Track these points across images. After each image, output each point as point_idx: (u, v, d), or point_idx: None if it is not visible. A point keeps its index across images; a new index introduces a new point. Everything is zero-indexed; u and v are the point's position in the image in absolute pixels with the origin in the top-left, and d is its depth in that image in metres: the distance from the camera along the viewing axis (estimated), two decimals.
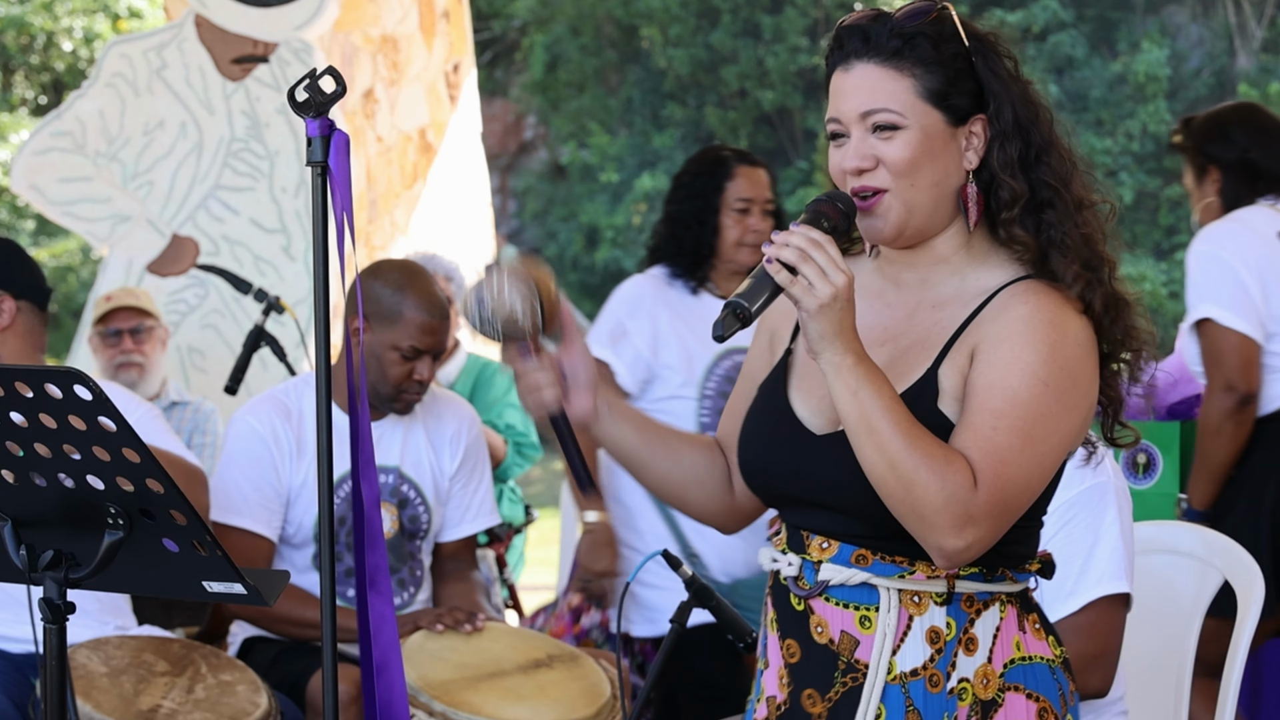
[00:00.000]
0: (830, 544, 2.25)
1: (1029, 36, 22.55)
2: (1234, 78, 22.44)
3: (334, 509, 2.59)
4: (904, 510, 2.13)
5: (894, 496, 2.13)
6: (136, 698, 3.49)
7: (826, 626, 2.25)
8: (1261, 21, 22.80)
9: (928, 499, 2.11)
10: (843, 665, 2.24)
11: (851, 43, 2.25)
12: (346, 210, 2.47)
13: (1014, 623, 2.27)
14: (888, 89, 2.22)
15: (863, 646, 2.23)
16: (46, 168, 7.11)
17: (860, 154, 2.23)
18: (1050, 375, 2.16)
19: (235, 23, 7.15)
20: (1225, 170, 4.65)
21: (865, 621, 2.23)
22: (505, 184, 24.63)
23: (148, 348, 5.82)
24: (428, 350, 4.03)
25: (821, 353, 2.13)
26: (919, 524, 2.13)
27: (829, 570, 2.24)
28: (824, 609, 2.25)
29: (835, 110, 2.26)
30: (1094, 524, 3.09)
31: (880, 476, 2.12)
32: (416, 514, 4.16)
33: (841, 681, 2.24)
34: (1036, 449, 2.16)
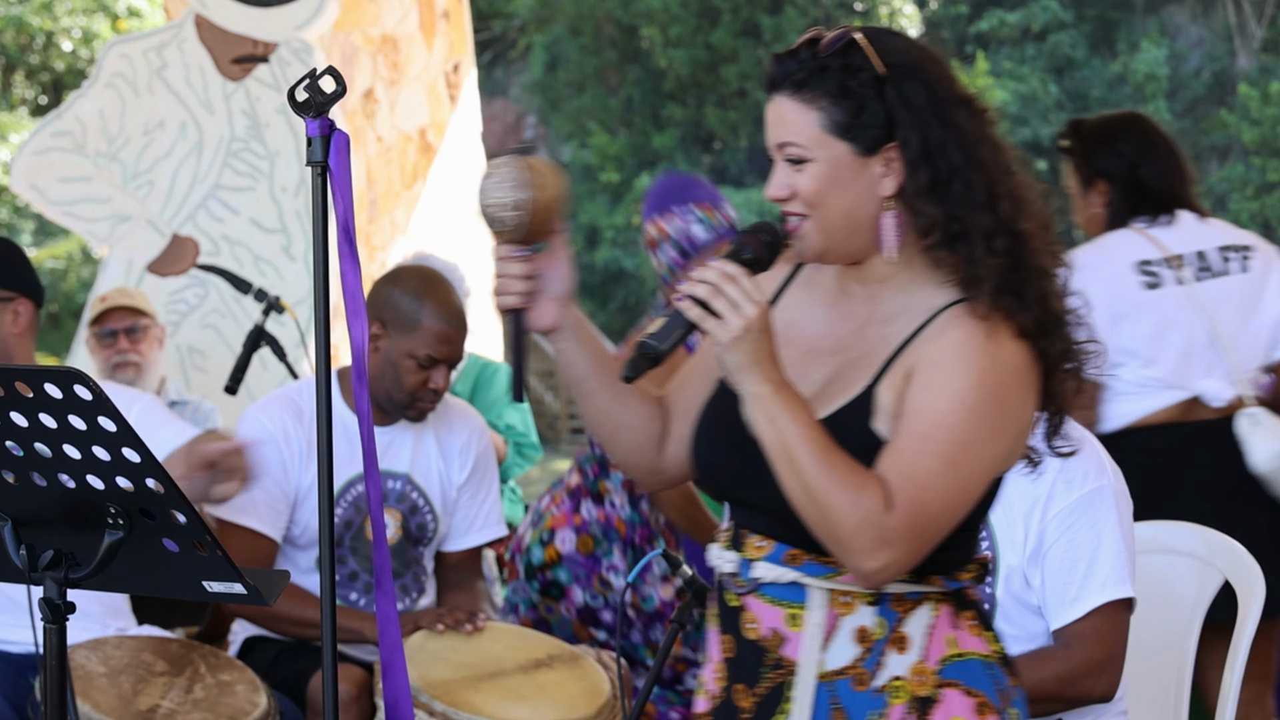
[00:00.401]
0: (766, 543, 2.31)
1: (1029, 36, 22.56)
2: (1234, 78, 22.44)
3: (333, 511, 2.59)
4: (822, 533, 2.19)
5: (811, 520, 2.19)
6: (135, 698, 3.49)
7: (757, 623, 2.31)
8: (1261, 21, 22.80)
9: (841, 522, 2.16)
10: (770, 661, 2.30)
11: (773, 74, 2.31)
12: (347, 211, 2.46)
13: (948, 621, 2.30)
14: (795, 122, 2.27)
15: (789, 644, 2.29)
16: (46, 168, 7.11)
17: (779, 184, 2.30)
18: (977, 401, 2.18)
19: (235, 23, 7.15)
20: (1113, 184, 4.59)
21: (793, 619, 2.29)
22: None
23: (144, 347, 5.81)
24: (444, 360, 4.03)
25: (740, 383, 2.20)
26: (836, 546, 2.19)
27: (762, 568, 2.31)
28: (756, 606, 2.32)
29: (767, 139, 2.32)
30: (1096, 529, 3.09)
31: (798, 500, 2.19)
32: (424, 521, 4.16)
33: (769, 677, 2.30)
34: (958, 474, 2.19)
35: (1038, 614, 3.12)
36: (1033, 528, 3.11)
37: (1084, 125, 4.76)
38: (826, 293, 2.37)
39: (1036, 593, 3.11)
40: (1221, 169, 21.67)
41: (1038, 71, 22.22)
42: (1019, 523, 3.12)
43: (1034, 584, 3.11)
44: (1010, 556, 3.11)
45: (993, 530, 3.13)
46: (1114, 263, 4.46)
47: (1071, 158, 4.67)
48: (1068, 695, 3.08)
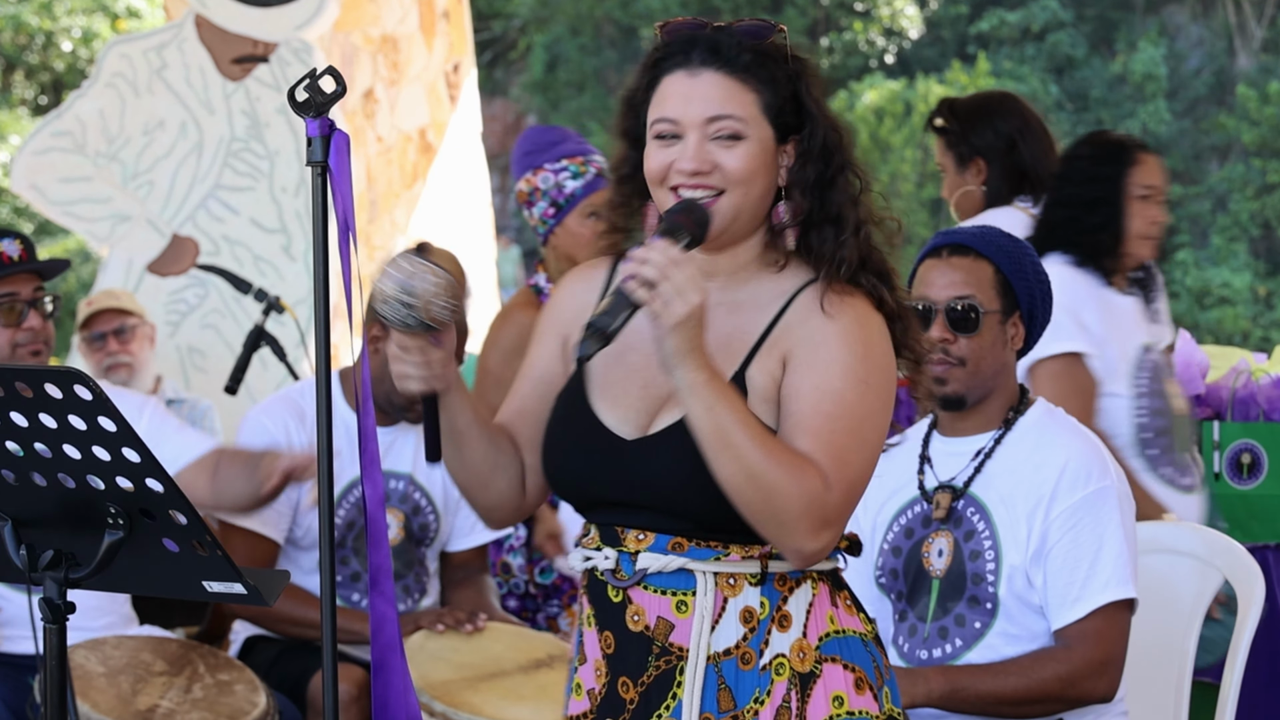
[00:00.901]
0: (646, 535, 2.33)
1: (1029, 36, 22.56)
2: (1234, 77, 22.43)
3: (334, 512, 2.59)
4: (763, 517, 2.23)
5: (752, 505, 2.22)
6: (134, 697, 3.49)
7: (643, 614, 2.33)
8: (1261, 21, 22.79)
9: (788, 505, 2.22)
10: (656, 650, 2.32)
11: (699, 50, 2.34)
12: (347, 211, 2.46)
13: (826, 599, 2.37)
14: (737, 100, 2.32)
15: (678, 630, 2.32)
16: (46, 168, 7.12)
17: (699, 158, 2.31)
18: (869, 374, 2.30)
19: (235, 23, 7.15)
20: (991, 163, 4.59)
21: (682, 606, 2.32)
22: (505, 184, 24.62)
23: (134, 346, 5.81)
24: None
25: (675, 368, 2.22)
26: (778, 529, 2.24)
27: (646, 559, 2.32)
28: (641, 597, 2.33)
29: (674, 111, 2.33)
30: (1098, 529, 3.09)
31: (738, 486, 2.22)
32: (426, 521, 4.16)
33: (655, 665, 2.32)
34: (867, 446, 2.30)
35: (1040, 614, 3.12)
36: (1035, 527, 3.11)
37: (959, 103, 4.75)
38: None
39: (1039, 592, 3.11)
40: (1221, 169, 21.67)
41: (1038, 71, 22.21)
42: (1022, 522, 3.12)
43: (1036, 584, 3.11)
44: (1013, 556, 3.11)
45: (995, 529, 3.13)
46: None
47: (945, 136, 4.66)
48: (1068, 696, 3.08)
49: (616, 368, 2.37)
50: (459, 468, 2.40)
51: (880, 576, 3.26)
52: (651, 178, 2.35)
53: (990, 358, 3.21)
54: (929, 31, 23.50)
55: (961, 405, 3.22)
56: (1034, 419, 3.23)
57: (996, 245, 3.24)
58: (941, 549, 3.17)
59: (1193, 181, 21.66)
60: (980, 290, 3.21)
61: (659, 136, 2.34)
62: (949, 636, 3.15)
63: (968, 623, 3.13)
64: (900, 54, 23.22)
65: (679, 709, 2.31)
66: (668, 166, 2.33)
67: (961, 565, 3.14)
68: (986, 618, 3.12)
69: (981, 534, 3.14)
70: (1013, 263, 3.23)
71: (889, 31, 23.17)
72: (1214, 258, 20.69)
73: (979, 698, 3.06)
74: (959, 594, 3.14)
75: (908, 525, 3.24)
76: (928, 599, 3.18)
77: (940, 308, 3.21)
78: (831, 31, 23.10)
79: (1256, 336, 19.52)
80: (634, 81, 2.41)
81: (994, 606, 3.12)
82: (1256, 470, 4.64)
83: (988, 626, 3.12)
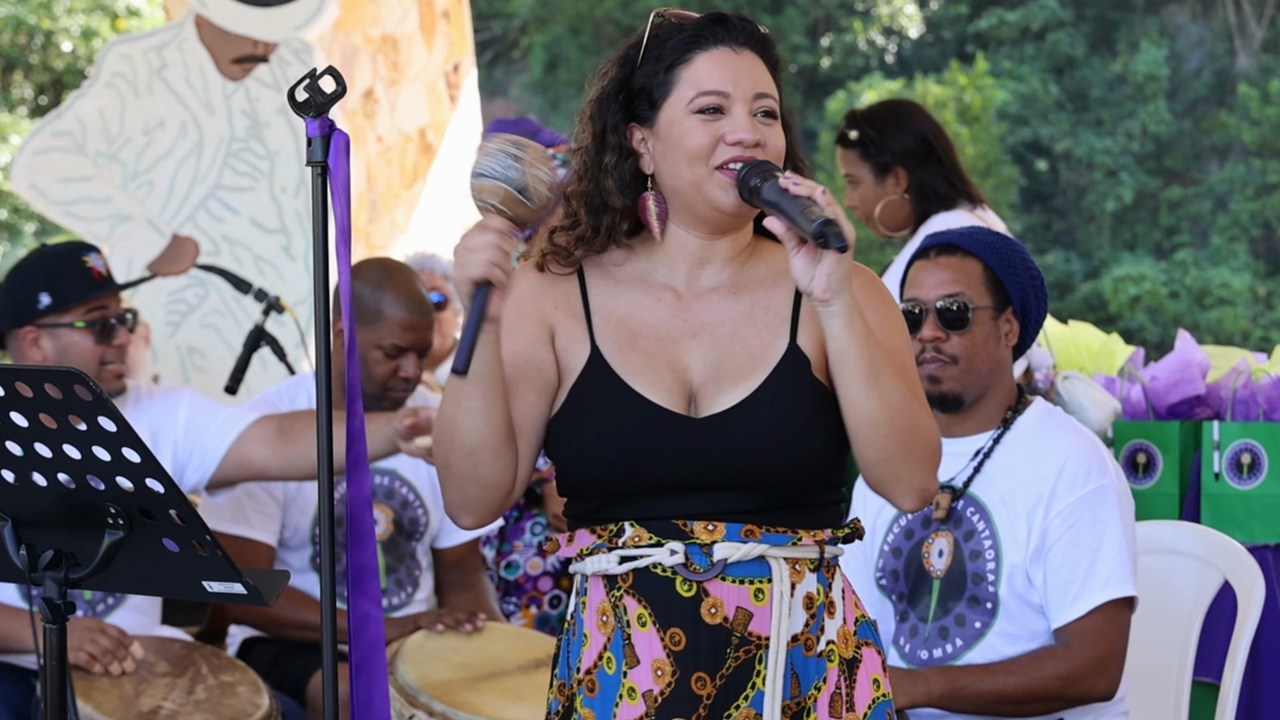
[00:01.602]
0: (716, 526, 2.29)
1: (1029, 36, 22.56)
2: (1234, 78, 22.44)
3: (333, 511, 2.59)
4: (901, 452, 2.28)
5: (898, 435, 2.26)
6: (137, 699, 3.49)
7: (721, 605, 2.28)
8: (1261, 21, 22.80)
9: (929, 437, 2.30)
10: (735, 641, 2.28)
11: (741, 32, 2.35)
12: (344, 211, 2.47)
13: (847, 583, 2.39)
14: (768, 82, 2.35)
15: (757, 619, 2.28)
16: (46, 168, 7.11)
17: (754, 129, 2.31)
18: (904, 328, 2.42)
19: (235, 23, 7.14)
20: (912, 170, 4.58)
21: (759, 594, 2.29)
22: None
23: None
24: (411, 347, 4.01)
25: (839, 295, 2.22)
26: (912, 465, 2.29)
27: (725, 548, 2.28)
28: (719, 589, 2.28)
29: (724, 83, 2.31)
30: (1098, 528, 3.09)
31: (888, 417, 2.25)
32: (415, 515, 4.16)
33: (734, 657, 2.28)
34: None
35: (1040, 613, 3.12)
36: (1035, 526, 3.11)
37: (869, 113, 4.73)
38: (642, 284, 2.38)
39: (1039, 591, 3.11)
40: (1221, 169, 21.67)
41: (1038, 71, 22.22)
42: (1022, 521, 3.12)
43: (1036, 582, 3.11)
44: (1013, 555, 3.11)
45: (995, 529, 3.13)
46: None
47: (858, 147, 4.63)
48: (1069, 694, 3.08)
49: (632, 353, 2.33)
50: (481, 422, 2.25)
51: (881, 578, 3.27)
52: (694, 153, 2.30)
53: (984, 354, 3.21)
54: (929, 31, 23.50)
55: (959, 405, 3.22)
56: (1032, 418, 3.23)
57: (985, 243, 3.25)
58: (942, 549, 3.18)
59: (1193, 181, 21.67)
60: (969, 287, 3.22)
61: (701, 111, 2.31)
62: (949, 636, 3.15)
63: (968, 622, 3.13)
64: (900, 54, 23.22)
65: (758, 698, 2.28)
66: (717, 139, 2.30)
67: (962, 565, 3.15)
68: (987, 617, 3.13)
69: (981, 534, 3.14)
70: (1001, 259, 3.24)
71: (889, 31, 23.17)
72: (1214, 258, 20.70)
73: (979, 697, 3.07)
74: (959, 594, 3.14)
75: (908, 526, 3.24)
76: (928, 599, 3.18)
77: (930, 307, 3.21)
78: (831, 32, 23.09)
79: (1256, 336, 19.53)
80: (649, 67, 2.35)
81: (994, 606, 3.12)
82: (1256, 470, 4.63)
83: (988, 626, 3.13)
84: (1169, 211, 21.38)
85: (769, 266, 2.39)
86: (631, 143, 2.37)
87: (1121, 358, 5.21)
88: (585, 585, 2.37)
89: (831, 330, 2.24)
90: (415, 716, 3.49)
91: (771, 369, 2.31)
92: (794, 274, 2.24)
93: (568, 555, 2.38)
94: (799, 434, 2.29)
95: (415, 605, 4.16)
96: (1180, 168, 21.62)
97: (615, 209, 2.36)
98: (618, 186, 2.36)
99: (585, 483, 2.33)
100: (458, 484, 2.32)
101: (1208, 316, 19.90)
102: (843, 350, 2.24)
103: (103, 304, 3.80)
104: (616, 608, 2.32)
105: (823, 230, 2.16)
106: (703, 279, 2.37)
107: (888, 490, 2.33)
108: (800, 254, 2.22)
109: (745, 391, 2.30)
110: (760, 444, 2.27)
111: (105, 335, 3.78)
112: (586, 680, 2.34)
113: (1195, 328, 18.66)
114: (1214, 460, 4.61)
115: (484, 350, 2.22)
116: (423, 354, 4.06)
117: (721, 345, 2.34)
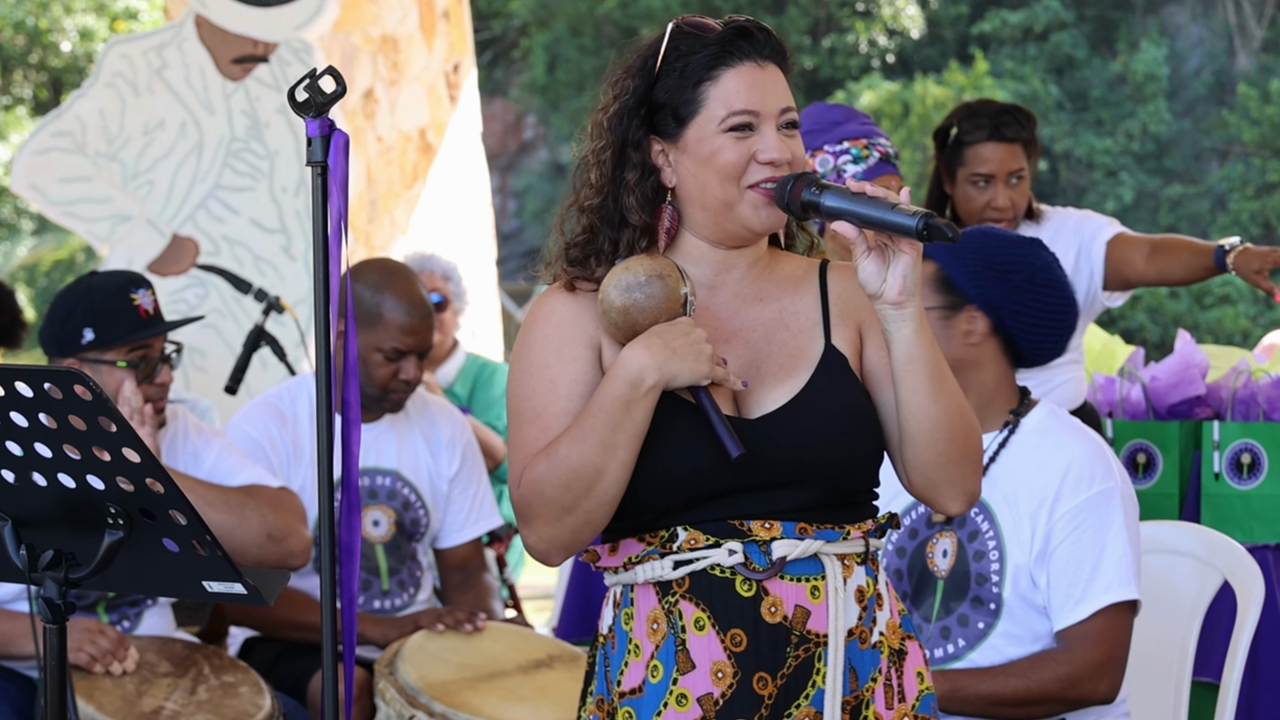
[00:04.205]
0: (771, 524, 2.28)
1: (1030, 36, 22.56)
2: (1234, 78, 22.43)
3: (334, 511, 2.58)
4: (961, 453, 2.31)
5: (956, 440, 2.30)
6: (139, 699, 3.49)
7: (780, 604, 2.27)
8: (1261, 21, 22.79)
9: (979, 441, 2.35)
10: (794, 640, 2.27)
11: (765, 45, 2.34)
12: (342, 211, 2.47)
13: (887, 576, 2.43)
14: (790, 94, 2.35)
15: (814, 617, 2.28)
16: (46, 168, 7.11)
17: (784, 147, 2.31)
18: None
19: (235, 23, 7.14)
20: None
21: (815, 591, 2.29)
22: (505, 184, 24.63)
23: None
24: (411, 350, 4.01)
25: (912, 298, 2.24)
26: (970, 467, 2.33)
27: (783, 546, 2.27)
28: (778, 587, 2.28)
29: (753, 103, 2.31)
30: (1102, 530, 3.09)
31: (949, 421, 2.29)
32: (417, 516, 4.16)
33: (794, 655, 2.27)
34: None
35: (1044, 614, 3.12)
36: (1039, 528, 3.11)
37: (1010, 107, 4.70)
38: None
39: (1043, 593, 3.11)
40: (1221, 169, 21.66)
41: (1038, 71, 22.21)
42: (1025, 523, 3.12)
43: (1040, 584, 3.11)
44: (1017, 556, 3.11)
45: (999, 530, 3.13)
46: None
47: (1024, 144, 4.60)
48: (1069, 697, 3.08)
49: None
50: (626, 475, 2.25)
51: None
52: (727, 172, 2.30)
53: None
54: (930, 31, 23.49)
55: None
56: (1037, 420, 3.23)
57: (945, 246, 3.14)
58: (946, 549, 3.17)
59: (1193, 181, 21.66)
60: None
61: (734, 129, 2.30)
62: (951, 636, 3.15)
63: (971, 623, 3.13)
64: (901, 54, 23.21)
65: (818, 697, 2.27)
66: (749, 157, 2.30)
67: (965, 565, 3.14)
68: (990, 618, 3.12)
69: (986, 534, 3.14)
70: (956, 257, 3.21)
71: (890, 31, 23.16)
72: None
73: (979, 698, 3.06)
74: (963, 594, 3.14)
75: (912, 526, 3.24)
76: (932, 599, 3.18)
77: None
78: (833, 32, 23.09)
79: (1256, 336, 19.51)
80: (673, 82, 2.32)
81: (998, 607, 3.12)
82: (1256, 470, 4.63)
83: (991, 627, 3.13)
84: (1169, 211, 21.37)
85: (787, 273, 2.41)
86: (651, 157, 2.34)
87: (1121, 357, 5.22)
88: (631, 595, 2.33)
89: (901, 334, 2.25)
90: (415, 717, 3.49)
91: (815, 368, 2.33)
92: (863, 279, 2.24)
93: (611, 565, 2.34)
94: (850, 428, 2.31)
95: (416, 606, 4.16)
96: (1180, 168, 21.62)
97: (634, 225, 2.33)
98: (639, 203, 2.33)
99: (645, 494, 2.28)
100: (576, 529, 2.27)
101: (1208, 316, 19.89)
102: (911, 354, 2.25)
103: (147, 344, 3.75)
104: (670, 614, 2.29)
105: (927, 223, 2.13)
106: (725, 288, 2.38)
107: (937, 493, 2.35)
108: (870, 258, 2.23)
109: (792, 391, 2.31)
110: (815, 439, 2.28)
111: (147, 375, 3.73)
112: (640, 694, 2.30)
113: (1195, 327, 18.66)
114: (1214, 460, 4.61)
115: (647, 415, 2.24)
116: (423, 356, 4.05)
117: (757, 349, 2.34)
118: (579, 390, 2.30)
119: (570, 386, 2.30)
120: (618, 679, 2.33)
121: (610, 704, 2.34)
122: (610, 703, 2.34)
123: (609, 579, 2.37)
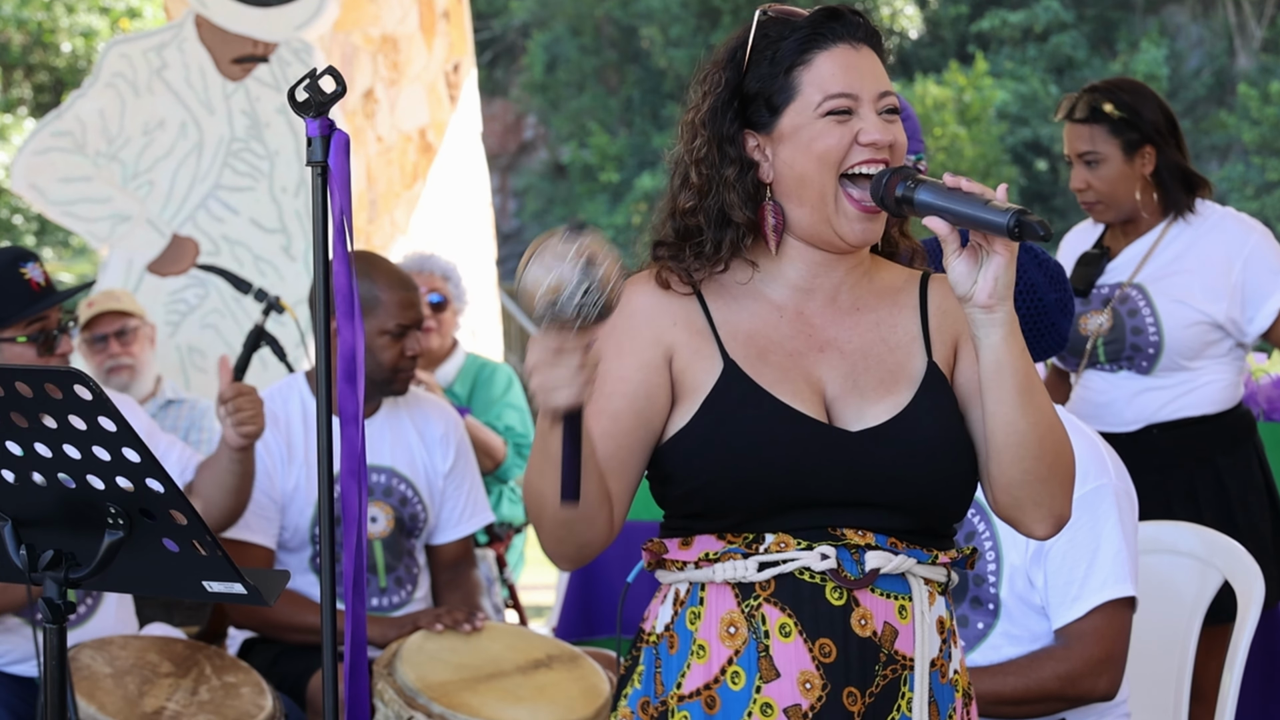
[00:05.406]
0: (865, 533, 2.18)
1: (1030, 36, 22.56)
2: (1234, 77, 22.44)
3: (333, 511, 2.58)
4: (1049, 472, 2.18)
5: (1045, 457, 2.17)
6: (141, 699, 3.49)
7: (870, 618, 2.17)
8: (1261, 21, 22.79)
9: (1072, 461, 2.21)
10: (883, 658, 2.16)
11: (858, 27, 2.24)
12: (345, 211, 2.47)
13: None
14: (887, 78, 2.24)
15: (901, 637, 2.17)
16: (46, 168, 7.11)
17: (884, 129, 2.20)
18: None
19: (235, 23, 7.15)
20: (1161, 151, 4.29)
21: (903, 611, 2.18)
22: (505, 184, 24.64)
23: (135, 348, 5.80)
24: (412, 323, 4.10)
25: (1004, 302, 2.12)
26: (1059, 487, 2.20)
27: (878, 557, 2.17)
28: (870, 600, 2.17)
29: (850, 85, 2.20)
30: (1096, 528, 3.09)
31: (1038, 436, 2.16)
32: (414, 512, 4.17)
33: (882, 674, 2.17)
34: None
35: (1041, 614, 3.12)
36: None
37: (1112, 84, 4.39)
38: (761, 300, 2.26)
39: (1039, 592, 3.11)
40: (1221, 169, 21.67)
41: (1038, 72, 22.22)
42: None
43: (1037, 584, 3.11)
44: (1013, 556, 3.11)
45: (995, 530, 3.13)
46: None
47: (1107, 122, 4.29)
48: (1069, 694, 3.08)
49: (765, 368, 2.20)
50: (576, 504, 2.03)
51: None
52: (826, 157, 2.19)
53: None
54: (930, 31, 23.50)
55: None
56: None
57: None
58: None
59: None
60: None
61: (832, 113, 2.19)
62: None
63: (971, 624, 3.13)
64: (901, 54, 23.22)
65: None
66: (850, 140, 2.19)
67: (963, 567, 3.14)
68: (989, 619, 3.12)
69: (982, 535, 3.14)
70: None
71: (889, 31, 23.17)
72: None
73: (979, 698, 3.06)
74: (962, 595, 3.14)
75: None
76: None
77: None
78: None
79: None
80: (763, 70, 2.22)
81: (996, 607, 3.12)
82: None
83: (990, 627, 3.13)
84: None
85: (886, 284, 2.30)
86: (747, 151, 2.24)
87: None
88: (701, 594, 2.20)
89: (990, 340, 2.13)
90: (414, 718, 3.49)
91: (918, 386, 2.22)
92: (953, 280, 2.13)
93: (680, 560, 2.21)
94: (954, 452, 2.20)
95: (414, 604, 4.16)
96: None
97: (738, 223, 2.23)
98: (741, 200, 2.22)
99: (726, 495, 2.17)
100: (554, 544, 2.16)
101: None
102: (1000, 362, 2.14)
103: (43, 316, 3.82)
104: (752, 618, 2.17)
105: (1019, 220, 2.04)
106: (820, 295, 2.26)
107: (1022, 513, 2.22)
108: (961, 258, 2.12)
109: (895, 408, 2.20)
110: (916, 459, 2.17)
111: (48, 347, 3.82)
112: (705, 696, 2.17)
113: None
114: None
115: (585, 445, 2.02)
116: (420, 328, 4.12)
117: (853, 361, 2.23)
118: (624, 389, 2.18)
119: (616, 384, 2.17)
120: (677, 680, 2.20)
121: (660, 706, 2.21)
122: (660, 705, 2.21)
123: (669, 575, 2.24)
